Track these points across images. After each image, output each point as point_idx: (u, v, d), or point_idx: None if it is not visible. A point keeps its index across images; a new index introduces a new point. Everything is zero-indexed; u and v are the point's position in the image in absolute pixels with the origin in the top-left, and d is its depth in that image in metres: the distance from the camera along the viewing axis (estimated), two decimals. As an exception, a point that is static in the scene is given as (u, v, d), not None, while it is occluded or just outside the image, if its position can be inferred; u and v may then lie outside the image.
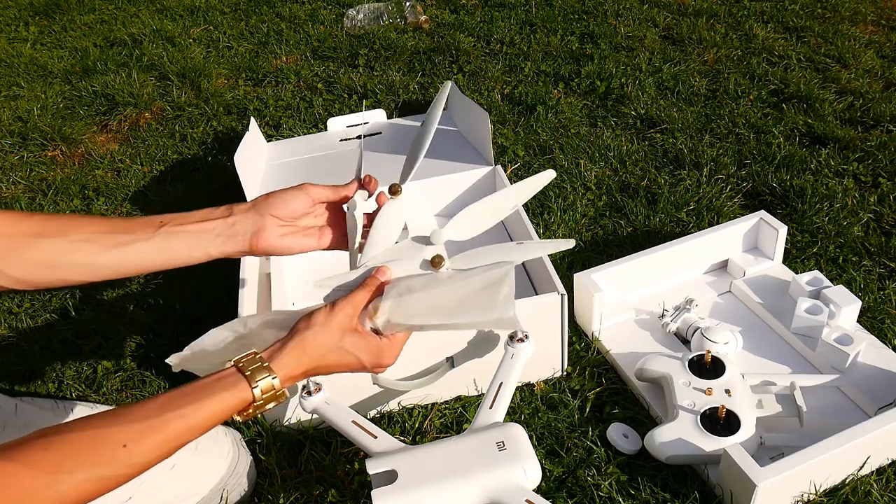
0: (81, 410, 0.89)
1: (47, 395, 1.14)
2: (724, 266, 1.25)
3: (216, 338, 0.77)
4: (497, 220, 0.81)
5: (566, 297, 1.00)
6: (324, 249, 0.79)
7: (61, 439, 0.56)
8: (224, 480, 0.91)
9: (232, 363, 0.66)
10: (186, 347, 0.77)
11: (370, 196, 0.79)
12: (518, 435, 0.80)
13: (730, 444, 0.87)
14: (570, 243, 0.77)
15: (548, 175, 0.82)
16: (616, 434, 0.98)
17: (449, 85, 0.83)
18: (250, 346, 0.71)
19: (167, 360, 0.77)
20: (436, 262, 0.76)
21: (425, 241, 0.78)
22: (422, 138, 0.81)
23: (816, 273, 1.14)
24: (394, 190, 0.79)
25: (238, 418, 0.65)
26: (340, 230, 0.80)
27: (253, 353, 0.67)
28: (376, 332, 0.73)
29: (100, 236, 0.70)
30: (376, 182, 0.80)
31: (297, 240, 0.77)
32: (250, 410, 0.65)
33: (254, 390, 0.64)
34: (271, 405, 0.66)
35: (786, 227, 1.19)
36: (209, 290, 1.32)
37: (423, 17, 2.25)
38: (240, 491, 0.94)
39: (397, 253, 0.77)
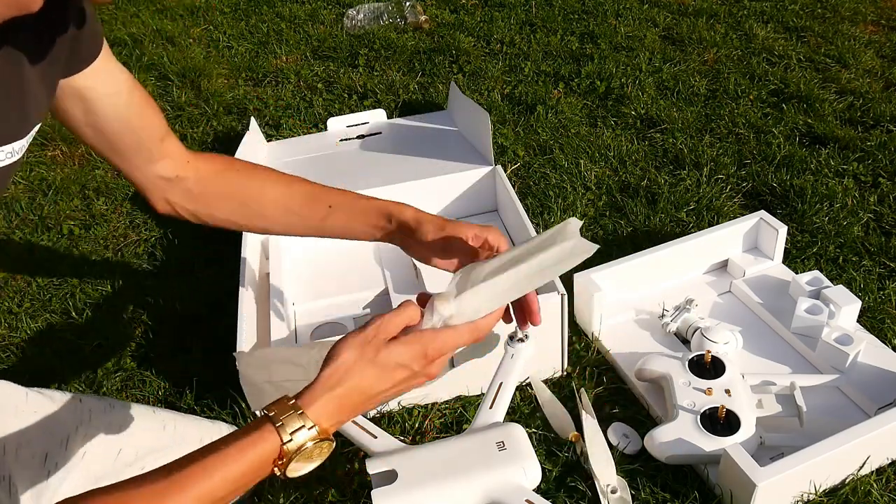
0: (90, 403, 0.89)
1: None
2: (724, 266, 1.25)
3: (295, 353, 0.77)
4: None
5: (566, 297, 1.00)
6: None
7: None
8: None
9: (262, 411, 0.59)
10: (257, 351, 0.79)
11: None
12: (518, 435, 0.80)
13: (730, 444, 0.87)
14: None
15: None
16: (616, 434, 0.98)
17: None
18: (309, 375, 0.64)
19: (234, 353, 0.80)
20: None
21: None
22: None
23: (816, 273, 1.14)
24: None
25: (277, 472, 0.58)
26: (465, 256, 0.77)
27: (285, 397, 0.60)
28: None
29: (278, 213, 0.81)
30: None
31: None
32: (283, 461, 0.58)
33: (281, 433, 0.57)
34: (314, 452, 0.59)
35: (786, 227, 1.19)
36: (209, 290, 1.32)
37: (423, 17, 2.25)
38: (241, 489, 0.94)
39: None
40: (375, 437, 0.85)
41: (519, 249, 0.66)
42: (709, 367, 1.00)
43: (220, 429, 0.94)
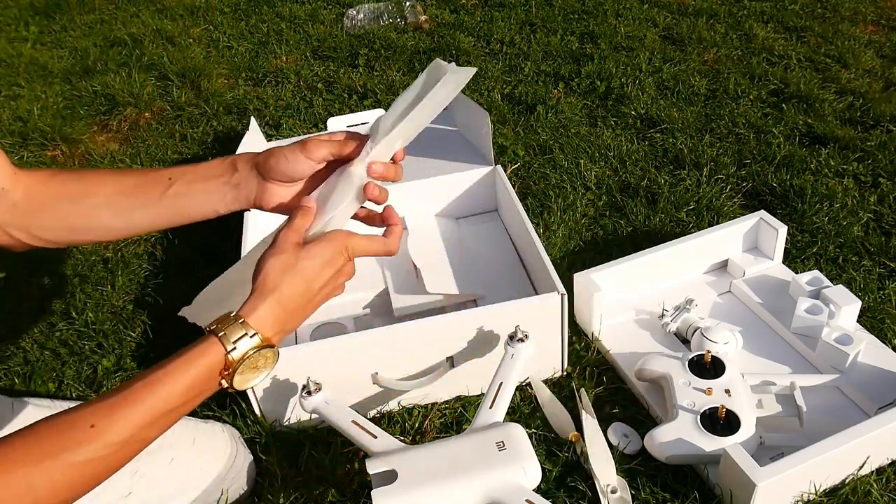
0: None
1: (46, 395, 1.14)
2: (724, 266, 1.25)
3: (229, 278, 0.77)
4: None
5: (566, 297, 1.00)
6: None
7: (26, 433, 0.54)
8: (223, 474, 0.91)
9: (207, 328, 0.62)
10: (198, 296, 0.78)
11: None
12: (518, 435, 0.80)
13: (730, 444, 0.87)
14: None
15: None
16: (616, 434, 0.98)
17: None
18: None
19: (179, 314, 0.77)
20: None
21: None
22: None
23: (816, 273, 1.14)
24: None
25: (224, 384, 0.61)
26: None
27: (227, 313, 0.63)
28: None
29: (115, 199, 0.73)
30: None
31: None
32: (229, 371, 0.60)
33: (224, 342, 0.60)
34: (258, 361, 0.62)
35: (786, 227, 1.19)
36: (209, 290, 1.32)
37: (423, 17, 2.25)
38: (239, 487, 0.94)
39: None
40: (375, 437, 0.85)
41: (408, 95, 0.77)
42: (709, 367, 1.00)
43: (214, 429, 0.94)
